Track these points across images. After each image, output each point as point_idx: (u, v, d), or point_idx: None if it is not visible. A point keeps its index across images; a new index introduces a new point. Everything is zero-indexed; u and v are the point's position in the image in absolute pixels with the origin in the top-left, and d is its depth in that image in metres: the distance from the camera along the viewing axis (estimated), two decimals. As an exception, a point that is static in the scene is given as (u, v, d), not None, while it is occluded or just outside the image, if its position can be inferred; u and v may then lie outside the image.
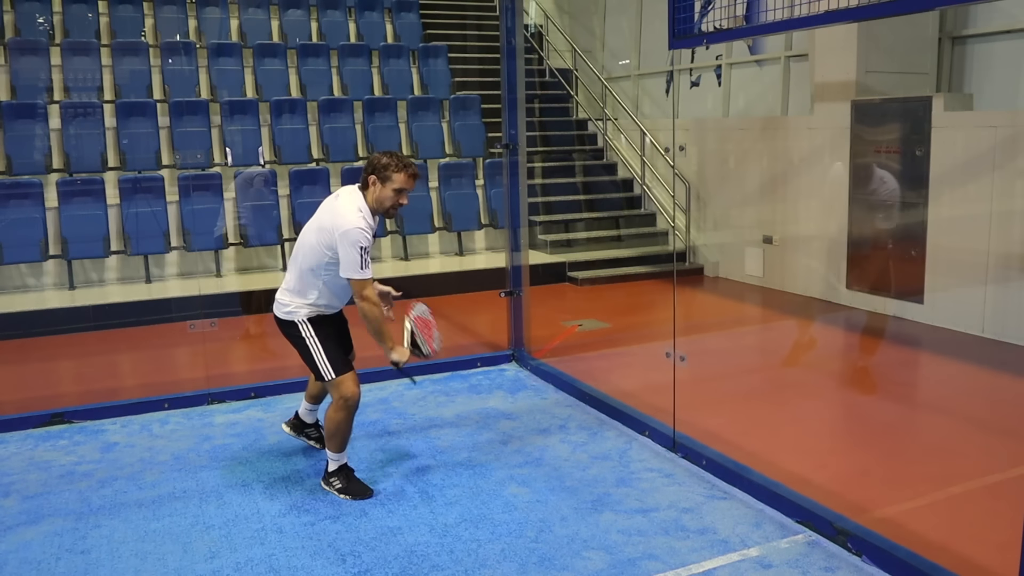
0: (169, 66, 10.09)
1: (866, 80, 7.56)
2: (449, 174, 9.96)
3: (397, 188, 3.88)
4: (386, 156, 3.91)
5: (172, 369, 6.75)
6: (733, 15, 4.67)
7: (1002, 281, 6.48)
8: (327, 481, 4.11)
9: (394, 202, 3.91)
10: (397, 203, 3.91)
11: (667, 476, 4.20)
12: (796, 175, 8.44)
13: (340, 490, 4.06)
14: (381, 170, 3.88)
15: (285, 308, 4.04)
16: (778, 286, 8.67)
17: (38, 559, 3.52)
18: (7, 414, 5.15)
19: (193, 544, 3.62)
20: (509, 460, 4.45)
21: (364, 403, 5.33)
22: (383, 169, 3.87)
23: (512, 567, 3.38)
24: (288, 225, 9.02)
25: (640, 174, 10.72)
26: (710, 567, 3.36)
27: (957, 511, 3.98)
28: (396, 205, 3.92)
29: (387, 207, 3.92)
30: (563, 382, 5.62)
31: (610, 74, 12.07)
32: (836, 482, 4.21)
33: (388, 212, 3.95)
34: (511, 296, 6.26)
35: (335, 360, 3.98)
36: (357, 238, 3.79)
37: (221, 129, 9.58)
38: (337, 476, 4.09)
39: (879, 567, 3.31)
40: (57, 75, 9.58)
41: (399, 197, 3.90)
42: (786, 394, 5.80)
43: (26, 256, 8.09)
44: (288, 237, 8.89)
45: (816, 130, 8.10)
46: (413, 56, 11.48)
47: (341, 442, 4.07)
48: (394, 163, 3.88)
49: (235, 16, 11.11)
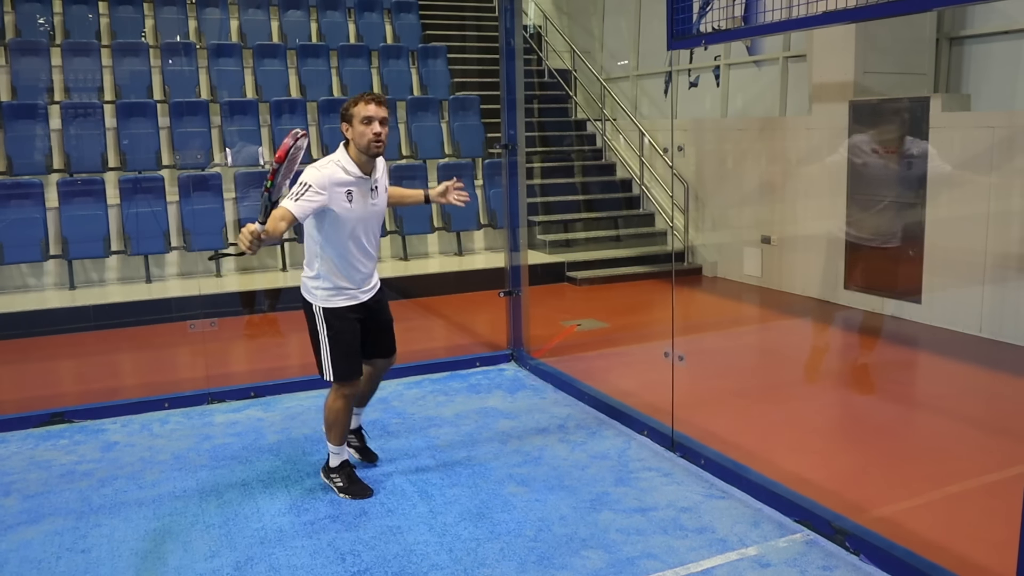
0: (169, 67, 10.11)
1: (864, 81, 7.57)
2: (448, 174, 9.94)
3: (362, 118, 3.73)
4: (348, 100, 3.83)
5: (172, 369, 6.75)
6: (731, 16, 4.70)
7: (999, 281, 6.49)
8: (327, 475, 4.10)
9: (369, 135, 3.73)
10: (373, 134, 3.73)
11: (666, 475, 4.21)
12: (794, 175, 8.46)
13: (341, 488, 4.04)
14: (344, 112, 3.79)
15: (304, 284, 3.94)
16: (776, 286, 8.69)
17: (39, 558, 3.53)
18: (8, 413, 5.16)
19: (193, 543, 3.62)
20: (508, 459, 4.45)
21: (364, 402, 5.39)
22: (345, 111, 3.79)
23: (511, 566, 3.39)
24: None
25: (639, 174, 10.74)
26: (708, 566, 3.36)
27: (955, 510, 3.99)
28: (375, 136, 3.74)
29: (367, 142, 3.74)
30: (562, 382, 5.63)
31: (609, 75, 12.09)
32: (834, 481, 4.21)
33: (371, 148, 3.76)
34: (510, 296, 6.27)
35: (340, 363, 3.89)
36: (306, 176, 3.68)
37: (221, 129, 9.60)
38: (339, 474, 4.07)
39: (877, 566, 3.32)
40: (58, 76, 9.60)
41: (371, 126, 3.73)
42: (784, 394, 5.82)
43: (27, 256, 8.11)
44: (288, 237, 8.90)
45: (814, 130, 8.12)
46: (412, 57, 11.50)
47: (340, 433, 4.02)
48: (352, 100, 3.79)
49: (235, 17, 11.13)
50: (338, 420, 3.98)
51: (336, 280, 3.86)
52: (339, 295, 3.88)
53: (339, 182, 3.72)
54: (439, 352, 6.71)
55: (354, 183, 3.78)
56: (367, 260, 3.93)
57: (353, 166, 3.78)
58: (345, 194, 3.74)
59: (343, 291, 3.89)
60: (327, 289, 3.86)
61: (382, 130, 3.76)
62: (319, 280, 3.86)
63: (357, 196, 3.79)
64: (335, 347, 3.88)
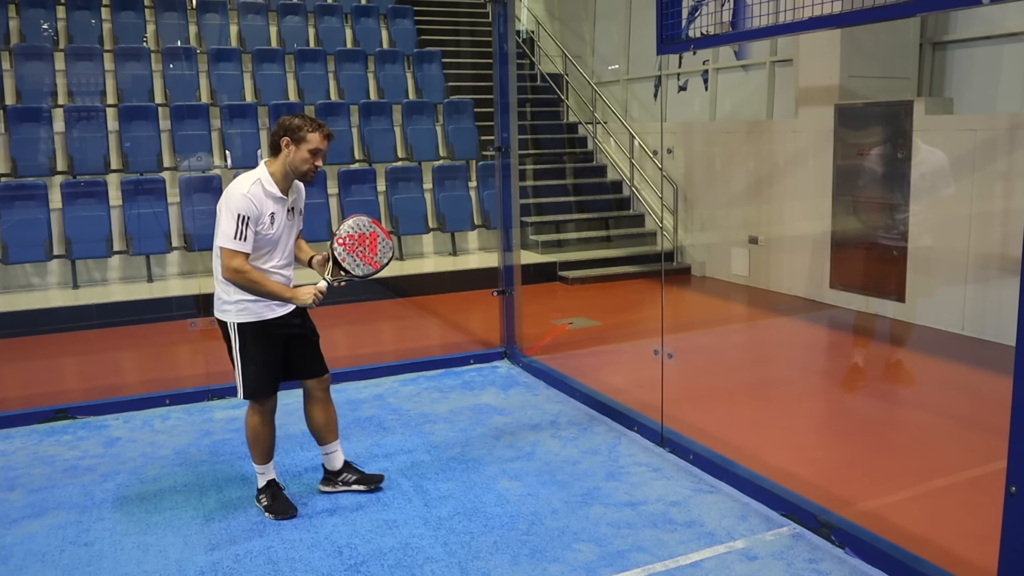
0: (170, 71, 10.18)
1: (849, 84, 7.63)
2: (443, 176, 10.06)
3: (312, 149, 3.60)
4: (298, 118, 3.64)
5: (173, 366, 6.78)
6: (719, 21, 4.78)
7: (981, 280, 6.54)
8: (257, 498, 3.95)
9: (310, 164, 3.62)
10: (313, 165, 3.64)
11: (655, 470, 4.25)
12: (781, 177, 8.51)
13: (267, 508, 3.88)
14: (294, 131, 3.60)
15: (217, 304, 3.73)
16: (763, 285, 8.75)
17: (43, 551, 3.56)
18: (12, 410, 5.19)
19: (194, 537, 3.66)
20: (501, 455, 4.49)
21: (360, 399, 5.41)
22: (296, 130, 3.60)
23: (504, 559, 3.42)
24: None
25: (629, 176, 10.82)
26: (697, 559, 3.40)
27: (938, 504, 4.03)
28: (313, 168, 3.65)
29: (304, 170, 3.63)
30: (554, 379, 5.67)
31: (600, 79, 12.15)
32: (820, 476, 4.25)
33: (304, 176, 3.66)
34: (503, 295, 6.32)
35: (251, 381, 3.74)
36: (237, 205, 3.49)
37: (221, 132, 9.66)
38: (264, 493, 3.91)
39: (862, 559, 3.36)
40: (61, 80, 9.67)
41: (315, 159, 3.62)
42: (771, 390, 5.85)
43: (31, 256, 8.19)
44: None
45: (800, 133, 8.18)
46: (408, 61, 11.56)
47: (262, 451, 3.87)
48: (307, 124, 3.62)
49: (235, 22, 11.20)
50: (257, 438, 3.84)
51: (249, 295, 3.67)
52: (259, 309, 3.69)
53: (263, 203, 3.59)
54: (434, 350, 6.76)
55: (274, 204, 3.64)
56: (284, 280, 3.76)
57: (274, 186, 3.64)
58: (269, 216, 3.61)
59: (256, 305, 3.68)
60: (244, 303, 3.67)
61: (320, 165, 3.70)
62: (238, 303, 3.66)
63: (278, 217, 3.67)
64: (247, 364, 3.72)
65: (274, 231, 3.65)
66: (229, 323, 3.71)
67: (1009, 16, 6.91)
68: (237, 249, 3.52)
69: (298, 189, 3.83)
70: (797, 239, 8.28)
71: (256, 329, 3.71)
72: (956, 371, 6.18)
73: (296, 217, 3.83)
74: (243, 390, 3.77)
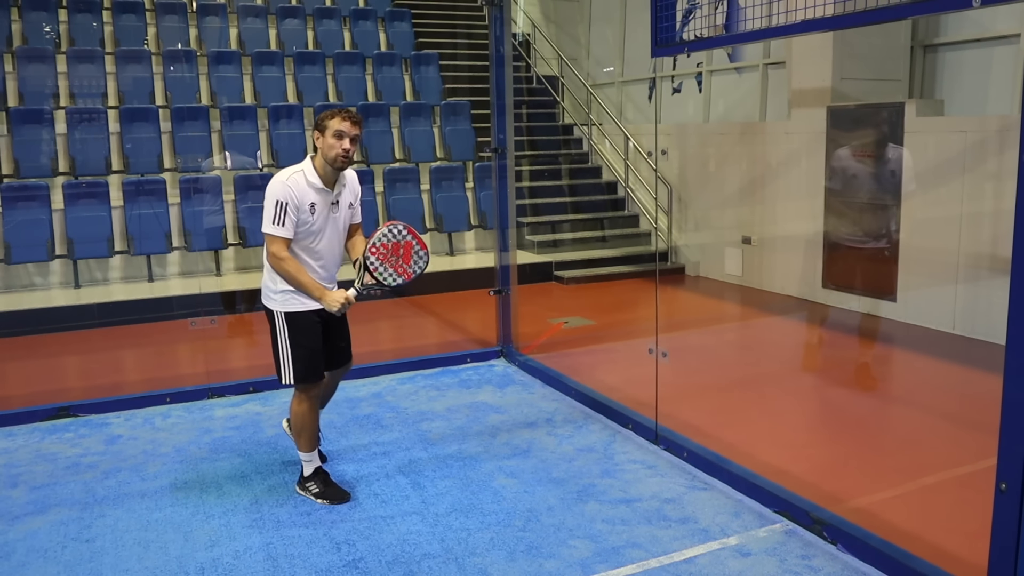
0: (171, 73, 10.21)
1: (841, 87, 7.65)
2: (440, 177, 10.11)
3: (335, 132, 3.74)
4: (325, 111, 3.85)
5: (174, 365, 6.81)
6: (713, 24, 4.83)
7: (972, 280, 6.57)
8: (303, 486, 4.03)
9: (338, 149, 3.74)
10: (342, 149, 3.75)
11: (650, 468, 4.28)
12: (774, 178, 8.55)
13: (318, 495, 3.98)
14: (319, 122, 3.81)
15: (264, 292, 3.90)
16: (756, 285, 8.78)
17: (45, 547, 3.58)
18: (15, 408, 5.22)
19: (194, 533, 3.68)
20: (498, 452, 4.52)
21: (359, 397, 5.44)
22: (320, 121, 3.80)
23: (501, 555, 3.45)
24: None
25: (624, 177, 10.86)
26: (691, 555, 3.42)
27: (929, 501, 4.05)
28: (341, 153, 3.75)
29: (334, 155, 3.75)
30: (550, 377, 5.70)
31: (595, 81, 12.19)
32: (813, 473, 4.27)
33: (337, 161, 3.77)
34: (500, 294, 6.35)
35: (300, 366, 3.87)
36: (276, 191, 3.70)
37: (221, 134, 9.70)
38: (313, 480, 4.01)
39: (854, 555, 3.38)
40: (63, 82, 9.69)
41: (341, 142, 3.75)
42: (764, 388, 5.88)
43: (33, 256, 8.22)
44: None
45: (793, 135, 8.20)
46: (405, 64, 11.59)
47: (309, 439, 3.98)
48: (329, 112, 3.82)
49: (234, 25, 11.21)
50: (304, 425, 3.94)
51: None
52: (296, 299, 3.84)
53: (303, 192, 3.75)
54: (431, 348, 6.78)
55: (316, 195, 3.78)
56: (323, 271, 3.90)
57: (316, 178, 3.79)
58: (309, 206, 3.76)
59: (299, 295, 3.84)
60: (284, 292, 3.83)
61: (351, 147, 3.78)
62: (284, 292, 3.83)
63: (319, 208, 3.79)
64: (295, 350, 3.85)
65: (314, 221, 3.79)
66: (276, 312, 3.86)
67: (999, 19, 6.96)
68: (276, 234, 3.72)
69: (347, 182, 3.96)
70: (790, 239, 8.31)
71: (301, 317, 3.85)
72: (947, 369, 6.21)
73: (343, 211, 3.94)
74: (293, 376, 3.87)
